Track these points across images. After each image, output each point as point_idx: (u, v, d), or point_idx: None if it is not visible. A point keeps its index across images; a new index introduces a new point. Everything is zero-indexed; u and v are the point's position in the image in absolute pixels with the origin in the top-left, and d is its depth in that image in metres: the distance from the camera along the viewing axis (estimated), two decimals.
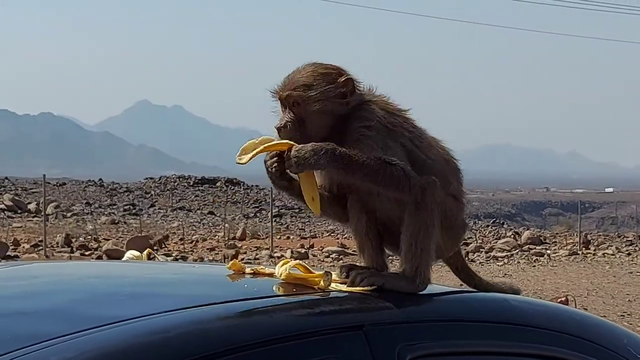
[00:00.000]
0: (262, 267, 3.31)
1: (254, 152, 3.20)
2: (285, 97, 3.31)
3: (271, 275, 3.17)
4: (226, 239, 40.17)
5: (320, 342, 2.53)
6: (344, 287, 2.99)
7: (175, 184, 77.69)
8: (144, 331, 2.35)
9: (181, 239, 40.00)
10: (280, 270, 3.03)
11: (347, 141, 3.22)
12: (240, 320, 2.53)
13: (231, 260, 3.40)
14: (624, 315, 18.10)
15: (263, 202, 68.64)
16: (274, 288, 2.96)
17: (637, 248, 39.24)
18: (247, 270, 3.25)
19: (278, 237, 42.46)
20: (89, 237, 37.94)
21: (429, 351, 2.80)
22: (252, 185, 79.53)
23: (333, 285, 3.01)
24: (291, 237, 44.88)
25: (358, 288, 2.99)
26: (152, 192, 72.66)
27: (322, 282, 2.95)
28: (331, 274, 3.01)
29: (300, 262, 3.14)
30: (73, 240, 34.25)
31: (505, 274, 25.79)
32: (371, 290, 3.00)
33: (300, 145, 3.14)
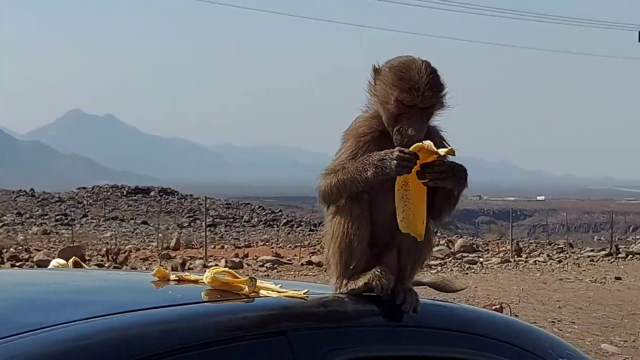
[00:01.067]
0: (187, 274, 3.32)
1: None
2: (425, 106, 3.23)
3: (196, 282, 3.19)
4: (160, 248, 39.93)
5: (243, 348, 2.54)
6: (270, 293, 3.00)
7: (108, 193, 77.16)
8: (67, 337, 2.34)
9: (114, 249, 39.65)
10: (207, 274, 3.04)
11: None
12: (164, 326, 2.53)
13: (156, 269, 3.39)
14: (554, 322, 18.31)
15: (197, 212, 68.41)
16: (198, 294, 2.96)
17: (567, 255, 39.76)
18: (172, 277, 3.26)
19: (212, 246, 42.34)
20: (20, 247, 37.49)
21: (353, 356, 2.82)
22: (186, 195, 79.27)
23: (263, 292, 3.02)
24: (225, 246, 44.76)
25: (293, 293, 3.00)
26: (85, 202, 72.04)
27: (247, 288, 2.96)
28: (256, 280, 3.02)
29: (227, 269, 3.15)
30: (4, 251, 33.82)
31: None
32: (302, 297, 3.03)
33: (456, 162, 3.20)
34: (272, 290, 3.00)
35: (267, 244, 48.75)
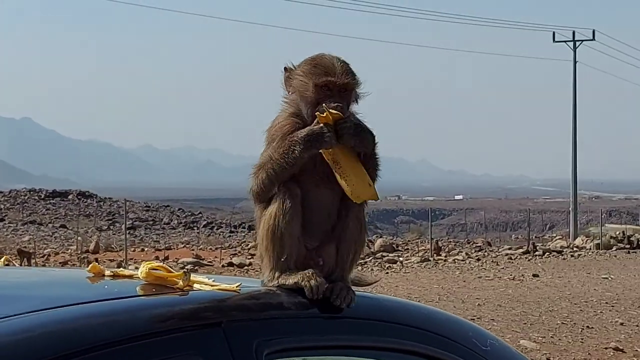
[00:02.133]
0: (122, 269, 3.37)
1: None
2: (344, 84, 3.40)
3: (131, 277, 3.25)
4: (79, 252, 39.58)
5: (179, 340, 2.60)
6: (204, 287, 3.07)
7: (26, 197, 76.12)
8: (6, 331, 2.38)
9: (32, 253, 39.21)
10: (141, 270, 3.10)
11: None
12: (101, 319, 2.57)
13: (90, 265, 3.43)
14: (474, 319, 18.53)
15: (116, 215, 67.89)
16: (134, 288, 3.01)
17: (486, 254, 40.31)
18: (107, 272, 3.31)
19: (132, 249, 42.09)
20: None
21: (286, 346, 2.91)
22: (105, 198, 78.61)
23: (196, 286, 3.08)
24: (146, 249, 44.54)
25: (227, 286, 3.07)
26: (2, 206, 71.02)
27: (181, 282, 3.03)
28: (190, 274, 3.09)
29: (162, 263, 3.21)
30: None
31: None
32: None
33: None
34: (206, 284, 3.06)
35: (187, 246, 48.59)
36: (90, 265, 3.32)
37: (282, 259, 3.32)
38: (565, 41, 61.71)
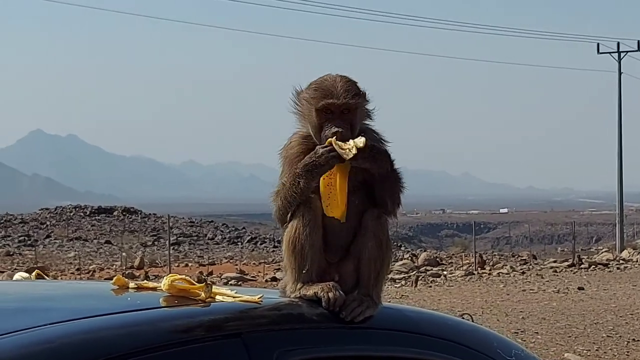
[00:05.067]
0: (145, 281, 3.42)
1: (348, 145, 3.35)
2: (342, 104, 3.43)
3: (155, 289, 3.29)
4: (124, 268, 39.84)
5: (200, 350, 2.65)
6: (226, 298, 3.10)
7: (72, 214, 76.72)
8: (30, 342, 2.43)
9: (78, 269, 39.53)
10: (164, 282, 3.14)
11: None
12: (124, 330, 2.63)
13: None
14: (517, 332, 18.44)
15: (161, 230, 68.19)
16: (157, 300, 3.06)
17: (530, 267, 40.02)
18: (131, 284, 3.36)
19: (176, 264, 42.29)
20: None
21: (307, 356, 2.94)
22: (150, 214, 78.98)
23: (218, 297, 3.12)
24: (190, 264, 44.70)
25: (248, 298, 3.10)
26: (48, 223, 71.63)
27: (203, 294, 3.06)
28: (212, 285, 3.12)
29: (184, 276, 3.25)
30: None
31: (402, 295, 26.09)
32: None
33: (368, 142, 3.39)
34: (228, 296, 3.10)
35: (231, 261, 48.72)
36: (115, 278, 3.38)
37: (304, 271, 3.37)
38: (609, 52, 61.30)
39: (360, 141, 3.35)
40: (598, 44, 61.88)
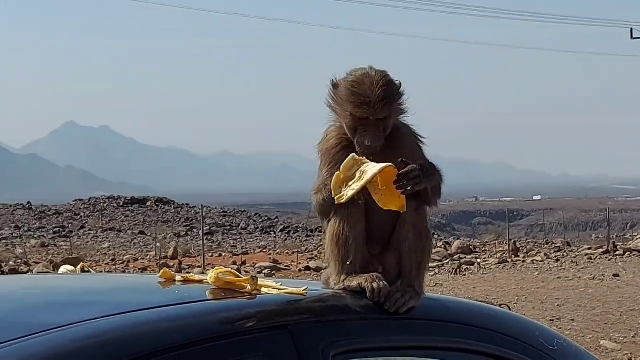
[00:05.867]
0: (192, 274, 3.46)
1: (352, 190, 3.32)
2: (376, 118, 3.40)
3: (201, 282, 3.34)
4: (158, 258, 40.02)
5: (247, 342, 2.67)
6: (271, 291, 3.14)
7: (105, 204, 77.11)
8: (81, 336, 2.47)
9: (112, 260, 39.76)
10: (211, 275, 3.18)
11: (396, 150, 3.45)
12: (171, 323, 2.66)
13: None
14: (553, 320, 18.39)
15: (194, 221, 68.43)
16: (203, 293, 3.10)
17: (565, 254, 39.83)
18: (178, 277, 3.40)
19: (210, 254, 42.39)
20: (19, 260, 37.54)
21: (352, 347, 2.97)
22: (183, 204, 79.24)
23: (264, 290, 3.15)
24: (223, 254, 44.81)
25: (294, 290, 3.13)
26: (82, 214, 72.08)
27: (249, 286, 3.10)
28: (257, 278, 3.16)
29: (230, 269, 3.28)
30: (3, 264, 33.92)
31: (436, 284, 26.07)
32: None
33: (415, 166, 3.35)
34: (273, 288, 3.13)
35: (264, 250, 48.80)
36: (162, 271, 3.41)
37: (348, 263, 3.39)
38: None
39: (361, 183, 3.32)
40: (631, 29, 61.45)
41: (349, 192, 3.30)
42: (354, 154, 3.37)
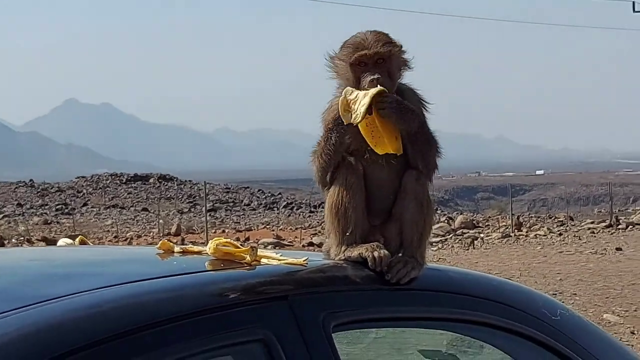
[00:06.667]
0: (190, 245, 3.43)
1: (363, 106, 3.28)
2: (374, 53, 3.40)
3: (200, 253, 3.31)
4: (161, 234, 40.10)
5: (246, 313, 2.65)
6: (271, 261, 3.11)
7: (107, 182, 77.21)
8: (78, 306, 2.45)
9: (115, 237, 39.84)
10: (210, 246, 3.15)
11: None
12: (170, 294, 2.64)
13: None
14: (555, 294, 18.39)
15: (197, 197, 68.55)
16: (203, 264, 3.07)
17: (567, 228, 39.88)
18: (176, 249, 3.38)
19: (213, 231, 42.49)
20: (22, 238, 37.63)
21: (353, 318, 2.95)
22: (186, 181, 79.37)
23: (264, 260, 3.13)
24: (226, 230, 44.94)
25: (293, 260, 3.10)
26: (84, 191, 72.19)
27: (248, 257, 3.07)
28: (257, 249, 3.13)
29: (229, 239, 3.25)
30: (5, 242, 33.99)
31: (439, 259, 26.10)
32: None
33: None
34: (273, 259, 3.10)
35: (267, 226, 48.91)
36: (160, 242, 3.38)
37: (348, 233, 3.37)
38: None
39: (374, 91, 3.30)
40: (633, 2, 61.21)
41: (361, 108, 3.27)
42: (348, 87, 3.38)
